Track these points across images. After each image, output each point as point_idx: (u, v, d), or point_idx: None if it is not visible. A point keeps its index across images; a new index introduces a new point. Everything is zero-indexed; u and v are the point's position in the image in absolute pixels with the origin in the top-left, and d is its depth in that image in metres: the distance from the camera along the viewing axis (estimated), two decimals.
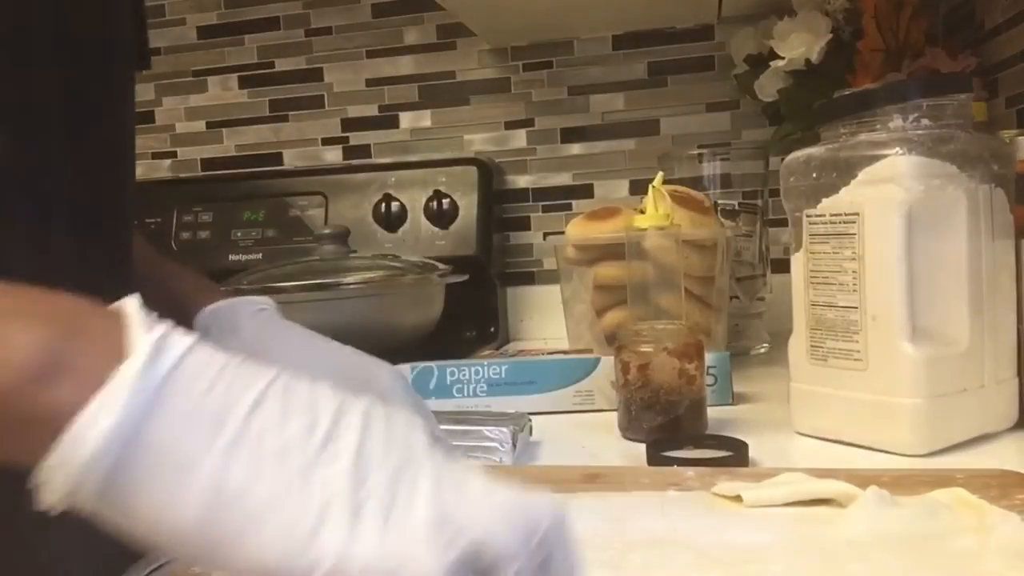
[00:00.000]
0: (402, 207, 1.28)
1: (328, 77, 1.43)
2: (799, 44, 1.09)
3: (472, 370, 0.81)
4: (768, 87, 1.16)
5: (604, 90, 1.35)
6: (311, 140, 1.45)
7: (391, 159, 1.39)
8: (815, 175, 0.65)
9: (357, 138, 1.43)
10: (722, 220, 1.04)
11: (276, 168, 1.44)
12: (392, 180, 1.30)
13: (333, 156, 1.44)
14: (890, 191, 0.60)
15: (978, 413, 0.63)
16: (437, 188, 1.27)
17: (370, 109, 1.42)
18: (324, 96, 1.44)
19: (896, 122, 0.61)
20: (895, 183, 0.60)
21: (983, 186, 0.62)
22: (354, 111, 1.43)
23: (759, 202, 1.09)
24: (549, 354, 0.88)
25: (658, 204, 0.84)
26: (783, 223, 0.74)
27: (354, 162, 1.42)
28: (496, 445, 0.63)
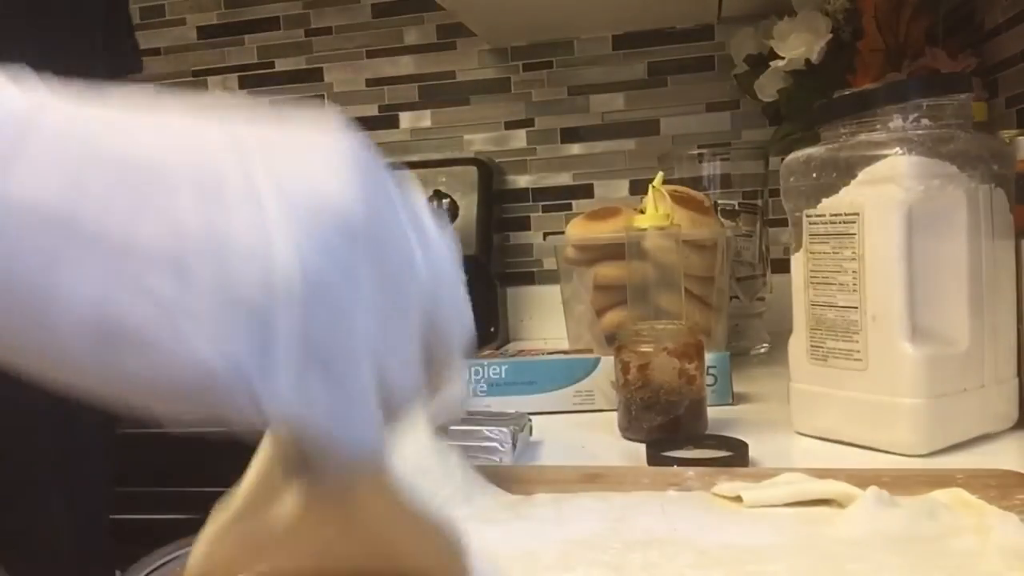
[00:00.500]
0: None
1: (328, 77, 1.43)
2: (799, 44, 1.09)
3: (472, 370, 0.81)
4: (768, 87, 1.16)
5: (604, 90, 1.35)
6: None
7: (391, 159, 1.39)
8: (815, 175, 0.65)
9: None
10: (722, 220, 1.04)
11: None
12: None
13: None
14: (890, 191, 0.60)
15: (978, 413, 0.63)
16: (437, 188, 1.27)
17: (370, 109, 1.42)
18: (324, 96, 1.44)
19: (896, 122, 0.61)
20: (895, 183, 0.60)
21: (983, 186, 0.61)
22: (354, 111, 1.43)
23: (759, 202, 1.09)
24: (549, 354, 0.88)
25: (658, 204, 0.84)
26: (783, 223, 0.74)
27: None
28: (496, 445, 0.63)
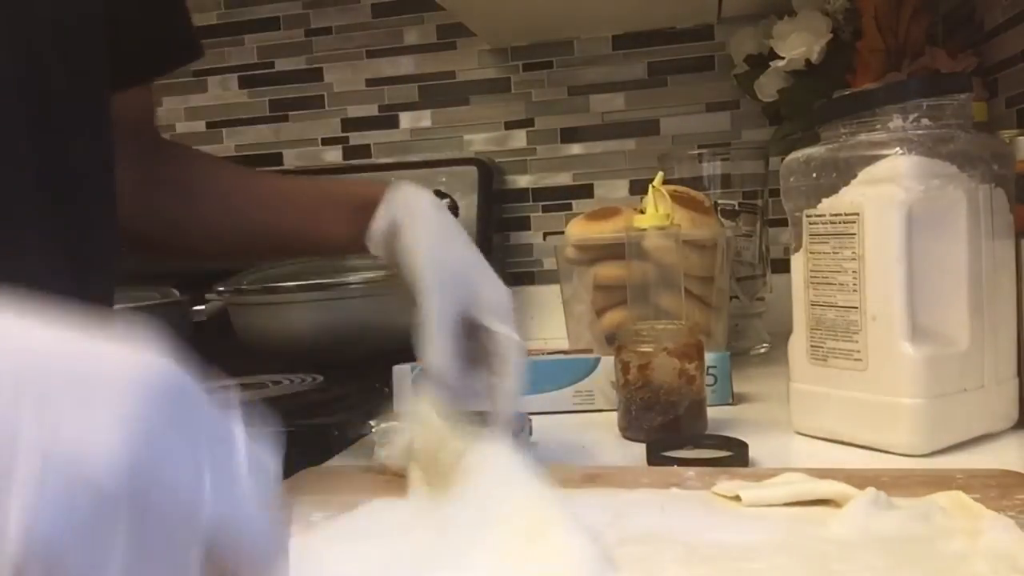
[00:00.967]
0: None
1: (328, 77, 1.43)
2: (799, 44, 1.09)
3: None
4: (768, 87, 1.16)
5: (604, 90, 1.35)
6: (311, 140, 1.45)
7: (391, 159, 1.39)
8: (815, 175, 0.65)
9: (357, 138, 1.43)
10: (722, 220, 1.04)
11: (276, 168, 1.43)
12: (392, 180, 1.30)
13: (333, 156, 1.44)
14: (890, 191, 0.60)
15: (978, 413, 0.63)
16: (437, 188, 1.27)
17: (370, 109, 1.42)
18: (324, 96, 1.44)
19: (896, 122, 0.61)
20: (895, 183, 0.60)
21: (983, 186, 0.61)
22: (354, 111, 1.43)
23: (759, 202, 1.09)
24: (549, 354, 0.88)
25: (658, 204, 0.84)
26: (783, 223, 0.74)
27: (354, 162, 1.42)
28: None
